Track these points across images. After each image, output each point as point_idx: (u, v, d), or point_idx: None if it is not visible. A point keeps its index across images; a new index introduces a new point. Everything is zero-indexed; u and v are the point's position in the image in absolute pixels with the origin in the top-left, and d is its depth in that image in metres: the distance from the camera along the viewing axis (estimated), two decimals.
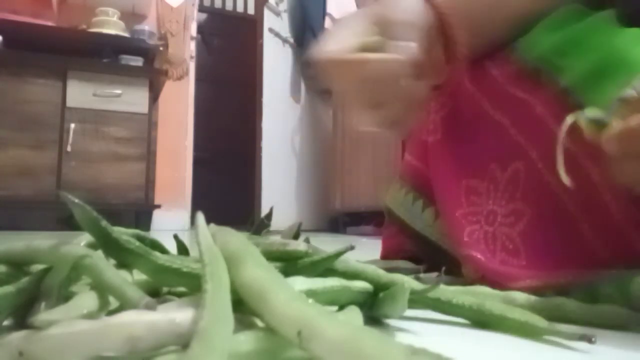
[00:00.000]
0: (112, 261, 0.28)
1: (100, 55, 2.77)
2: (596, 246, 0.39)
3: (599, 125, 0.34)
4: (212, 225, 0.30)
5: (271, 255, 0.31)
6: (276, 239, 0.35)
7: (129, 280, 0.29)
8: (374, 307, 0.33)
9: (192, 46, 3.44)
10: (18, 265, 0.30)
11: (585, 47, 0.41)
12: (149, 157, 2.80)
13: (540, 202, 0.42)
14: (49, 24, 2.88)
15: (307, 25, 3.65)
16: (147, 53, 2.92)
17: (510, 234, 0.43)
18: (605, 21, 0.42)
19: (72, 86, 2.66)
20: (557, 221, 0.41)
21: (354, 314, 0.29)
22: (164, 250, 0.37)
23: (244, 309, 0.23)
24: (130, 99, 2.76)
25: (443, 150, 0.52)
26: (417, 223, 0.56)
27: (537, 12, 0.45)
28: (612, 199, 0.38)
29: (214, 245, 0.26)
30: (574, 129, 0.34)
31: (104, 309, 0.25)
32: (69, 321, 0.21)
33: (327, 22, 3.59)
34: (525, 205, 0.42)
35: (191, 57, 3.42)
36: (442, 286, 0.36)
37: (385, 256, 0.63)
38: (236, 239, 0.28)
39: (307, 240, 0.36)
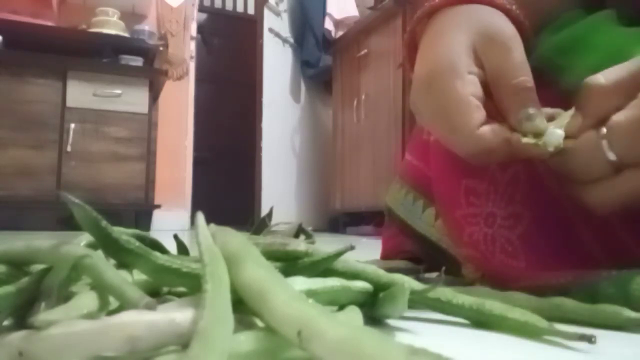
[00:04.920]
0: (112, 261, 0.28)
1: (100, 55, 2.77)
2: (595, 250, 0.39)
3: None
4: (212, 225, 0.30)
5: (271, 255, 0.31)
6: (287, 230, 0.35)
7: (129, 280, 0.29)
8: (374, 307, 0.33)
9: (192, 46, 3.44)
10: (18, 265, 0.30)
11: (586, 46, 0.41)
12: (149, 157, 2.81)
13: (540, 206, 0.42)
14: (49, 24, 2.88)
15: (307, 25, 3.65)
16: (147, 53, 2.93)
17: (510, 236, 0.43)
18: (606, 20, 0.42)
19: (72, 86, 2.66)
20: (556, 225, 0.41)
21: (354, 314, 0.29)
22: (164, 250, 0.37)
23: (244, 309, 0.23)
24: (130, 99, 2.76)
25: (443, 149, 0.51)
26: (417, 223, 0.56)
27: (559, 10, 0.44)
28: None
29: (214, 245, 0.26)
30: None
31: (104, 309, 0.25)
32: (69, 321, 0.21)
33: (327, 22, 3.59)
34: (525, 208, 0.42)
35: (191, 57, 3.42)
36: (442, 286, 0.36)
37: (385, 256, 0.63)
38: (236, 239, 0.28)
39: (311, 241, 0.36)
